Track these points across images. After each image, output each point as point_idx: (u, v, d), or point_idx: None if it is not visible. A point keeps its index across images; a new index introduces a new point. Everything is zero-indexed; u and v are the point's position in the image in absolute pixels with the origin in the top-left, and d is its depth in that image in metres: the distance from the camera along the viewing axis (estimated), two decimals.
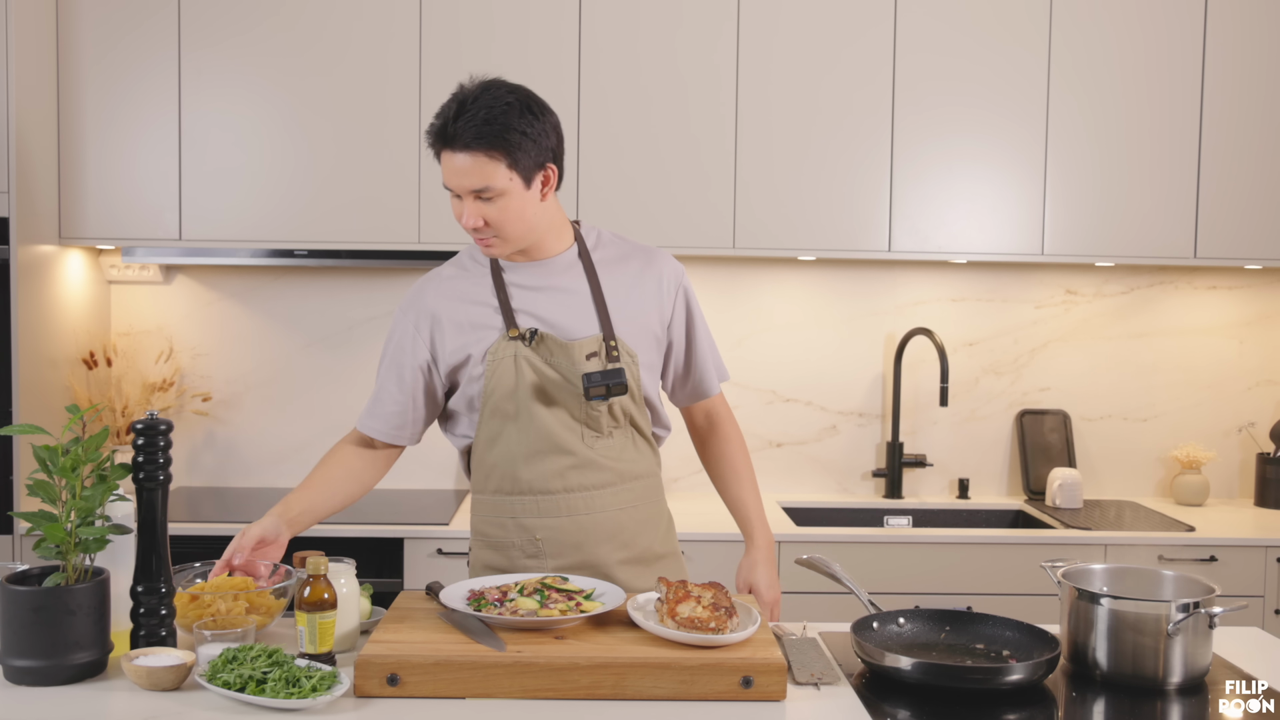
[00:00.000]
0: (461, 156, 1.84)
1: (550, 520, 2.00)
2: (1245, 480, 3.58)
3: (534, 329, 1.96)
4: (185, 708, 1.54)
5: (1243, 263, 3.26)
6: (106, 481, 1.66)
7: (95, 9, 3.09)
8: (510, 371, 1.96)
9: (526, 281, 2.00)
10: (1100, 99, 3.19)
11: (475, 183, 1.85)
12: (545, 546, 2.00)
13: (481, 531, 2.07)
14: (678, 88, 3.16)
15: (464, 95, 1.90)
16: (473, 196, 1.87)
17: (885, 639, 1.78)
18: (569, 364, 1.95)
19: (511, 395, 1.97)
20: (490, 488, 2.04)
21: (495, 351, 1.96)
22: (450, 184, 1.88)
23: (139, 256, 3.17)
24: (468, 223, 1.88)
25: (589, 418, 1.98)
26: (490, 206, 1.87)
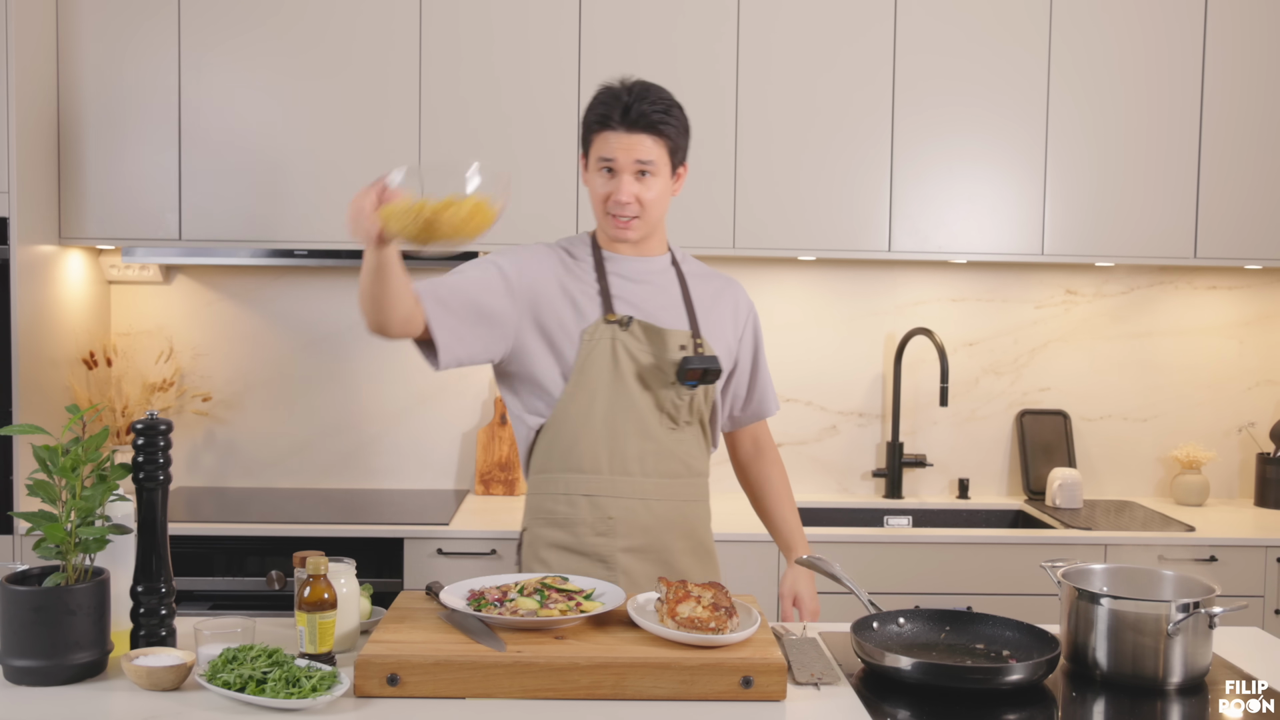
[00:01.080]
0: (635, 137, 2.02)
1: (625, 501, 2.07)
2: (1245, 480, 3.58)
3: (629, 316, 2.07)
4: (185, 708, 1.54)
5: (1243, 263, 3.26)
6: (106, 481, 1.66)
7: (95, 9, 3.09)
8: (606, 352, 2.06)
9: (626, 273, 2.12)
10: (1100, 99, 3.19)
11: (641, 155, 2.02)
12: (617, 526, 2.07)
13: (546, 509, 2.11)
14: (677, 88, 3.15)
15: (634, 83, 2.07)
16: (633, 174, 2.03)
17: (885, 639, 1.78)
18: (662, 350, 2.07)
19: (603, 375, 2.06)
20: (565, 465, 2.08)
21: (592, 332, 2.06)
22: (614, 156, 2.02)
23: (139, 256, 3.17)
24: (623, 196, 2.02)
25: (672, 407, 2.09)
26: (643, 186, 2.04)
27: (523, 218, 3.16)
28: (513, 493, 3.43)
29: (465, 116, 3.14)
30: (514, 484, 3.44)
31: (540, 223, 3.15)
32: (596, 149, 2.06)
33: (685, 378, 2.03)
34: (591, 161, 2.08)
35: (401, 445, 3.52)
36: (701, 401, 2.12)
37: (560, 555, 2.09)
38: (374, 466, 3.52)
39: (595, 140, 2.06)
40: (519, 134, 3.15)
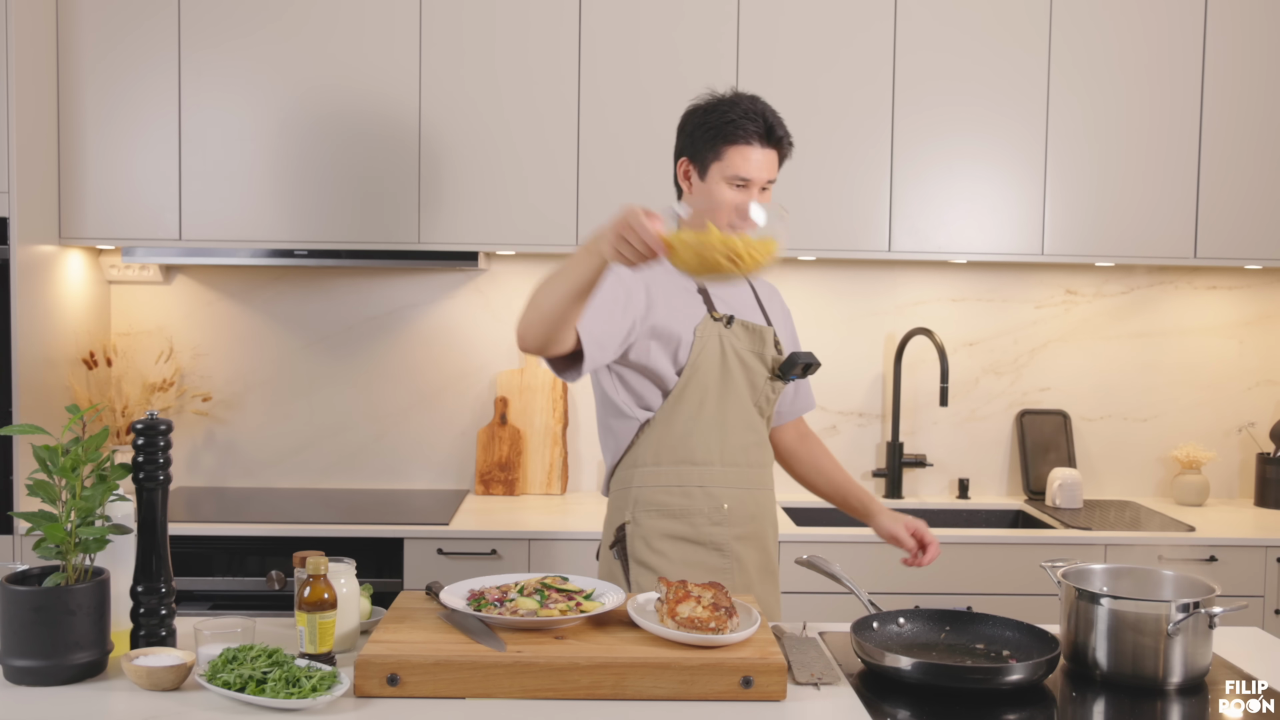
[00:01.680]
0: (771, 154, 2.13)
1: (737, 491, 2.15)
2: (1245, 480, 3.58)
3: (731, 314, 2.17)
4: (185, 708, 1.54)
5: (1243, 263, 3.26)
6: (106, 481, 1.66)
7: (95, 9, 3.09)
8: (716, 349, 2.13)
9: None
10: (1100, 99, 3.19)
11: (772, 174, 2.14)
12: (730, 515, 2.14)
13: (659, 502, 2.14)
14: (678, 87, 3.16)
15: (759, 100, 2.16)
16: (761, 189, 2.12)
17: (885, 639, 1.78)
18: (761, 348, 2.18)
19: (714, 370, 2.13)
20: (677, 457, 2.13)
21: (703, 328, 2.13)
22: (751, 174, 2.10)
23: (139, 256, 3.17)
24: None
25: (765, 401, 2.20)
26: (764, 198, 2.13)
27: (523, 217, 3.16)
28: (512, 493, 3.43)
29: (466, 115, 3.14)
30: (514, 484, 3.44)
31: (541, 221, 3.15)
32: (731, 164, 2.10)
33: (789, 372, 2.16)
34: (717, 174, 2.12)
35: (401, 445, 3.52)
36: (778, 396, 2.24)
37: (677, 545, 2.13)
38: (374, 466, 3.52)
39: (729, 154, 2.10)
40: (519, 134, 3.15)
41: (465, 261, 3.19)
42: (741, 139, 2.10)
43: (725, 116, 2.11)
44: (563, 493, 3.49)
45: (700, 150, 2.14)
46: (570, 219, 3.16)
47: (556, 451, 3.48)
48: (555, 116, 3.15)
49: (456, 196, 3.15)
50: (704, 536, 2.13)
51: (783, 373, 2.18)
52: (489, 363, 3.52)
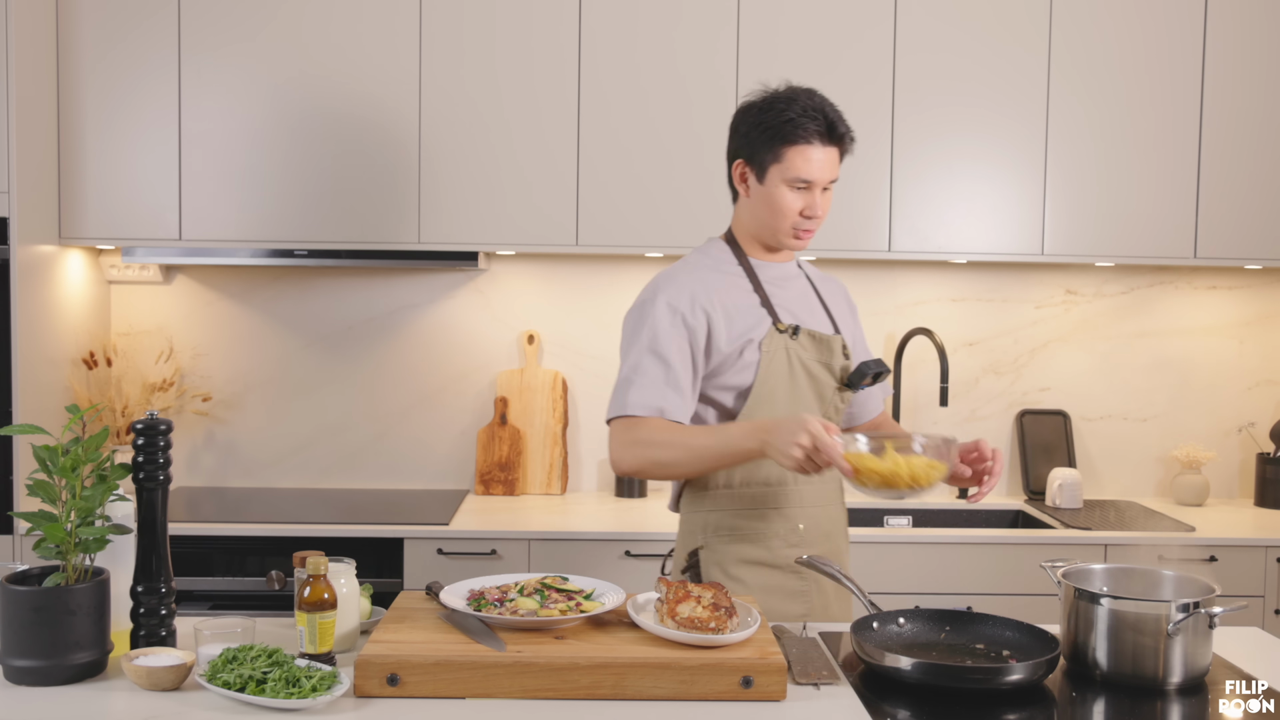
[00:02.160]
0: (834, 152, 2.03)
1: (811, 509, 2.09)
2: (1245, 480, 3.58)
3: (796, 325, 2.07)
4: (185, 708, 1.54)
5: (1243, 263, 3.26)
6: (106, 481, 1.66)
7: (95, 10, 3.09)
8: (784, 362, 2.05)
9: (774, 281, 2.13)
10: (1100, 99, 3.19)
11: (834, 173, 2.04)
12: (806, 536, 2.07)
13: (731, 525, 2.06)
14: (678, 87, 3.16)
15: (819, 96, 2.06)
16: (824, 188, 2.04)
17: (885, 639, 1.78)
18: (829, 356, 2.10)
19: (782, 384, 2.05)
20: (751, 478, 2.05)
21: (769, 342, 2.04)
22: (813, 175, 2.01)
23: (139, 256, 3.17)
24: (821, 212, 2.04)
25: (834, 410, 2.12)
26: (826, 198, 2.05)
27: (523, 217, 3.16)
28: (512, 493, 3.43)
29: (466, 115, 3.14)
30: (514, 484, 3.44)
31: (541, 221, 3.15)
32: (791, 165, 2.00)
33: (859, 382, 2.07)
34: (777, 176, 2.02)
35: (401, 445, 3.52)
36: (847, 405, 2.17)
37: (754, 570, 2.05)
38: (374, 466, 3.52)
39: (789, 154, 2.00)
40: (519, 134, 3.15)
41: (465, 261, 3.19)
42: (801, 139, 1.99)
43: (782, 115, 2.00)
44: (563, 493, 3.49)
45: (757, 152, 2.03)
46: (570, 219, 3.16)
47: (556, 451, 3.48)
48: (555, 116, 3.15)
49: (456, 196, 3.15)
50: (780, 560, 2.05)
51: (851, 383, 2.08)
52: (489, 363, 3.52)
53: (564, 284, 3.52)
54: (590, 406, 3.53)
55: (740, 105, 2.11)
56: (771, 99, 2.04)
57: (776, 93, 2.06)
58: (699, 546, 2.10)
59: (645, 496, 3.45)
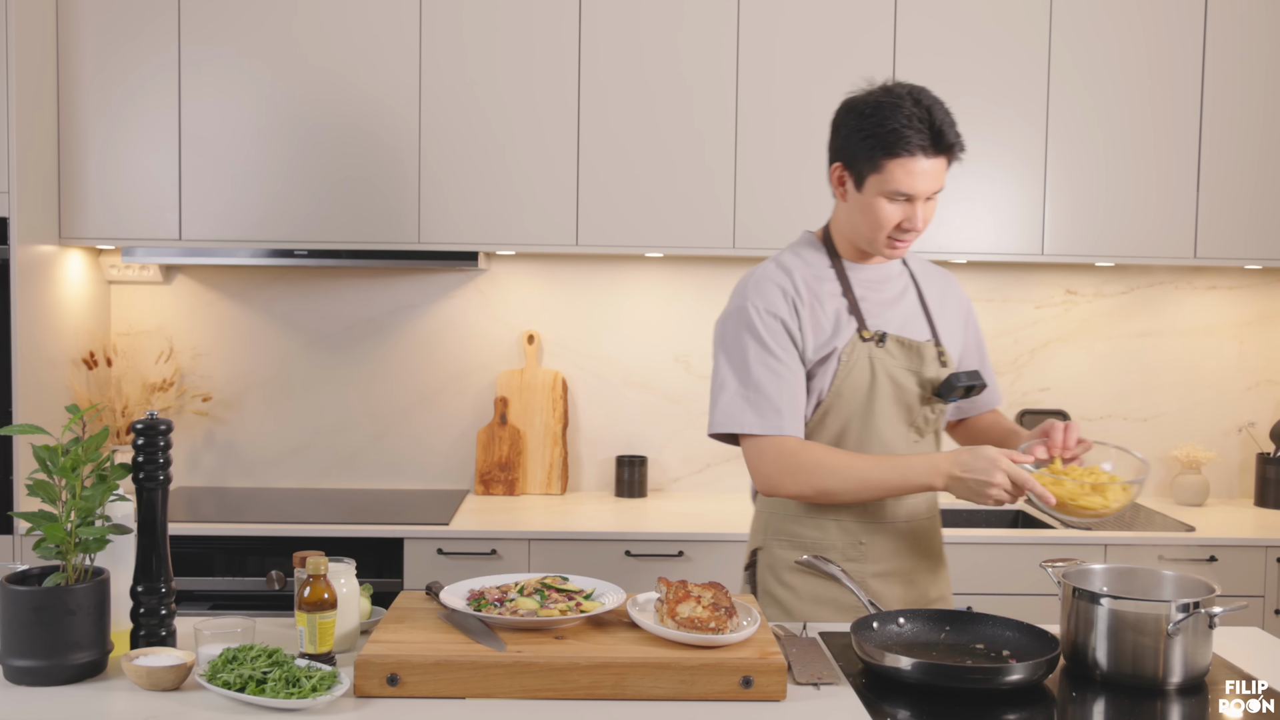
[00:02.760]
0: (939, 162, 1.89)
1: (875, 525, 2.01)
2: (1245, 480, 3.58)
3: (883, 331, 1.98)
4: (185, 708, 1.54)
5: (1243, 263, 3.26)
6: (106, 481, 1.66)
7: (95, 10, 3.09)
8: (864, 372, 1.97)
9: (868, 285, 2.03)
10: (1100, 99, 3.19)
11: (938, 185, 1.91)
12: (868, 551, 2.01)
13: (791, 531, 2.03)
14: (678, 87, 3.16)
15: (928, 100, 1.90)
16: (927, 199, 1.91)
17: (885, 639, 1.78)
18: (919, 365, 1.99)
19: (860, 395, 1.97)
20: None
21: (850, 350, 1.97)
22: (915, 189, 1.88)
23: (139, 256, 3.17)
24: (921, 225, 1.92)
25: (923, 421, 2.02)
26: (930, 208, 1.93)
27: (523, 217, 3.16)
28: (513, 493, 3.43)
29: (466, 115, 3.14)
30: (514, 484, 3.44)
31: (541, 221, 3.15)
32: (892, 178, 1.87)
33: (949, 395, 1.97)
34: (875, 187, 1.90)
35: (401, 445, 3.52)
36: (939, 413, 2.05)
37: (806, 580, 2.01)
38: (374, 466, 3.52)
39: (890, 166, 1.87)
40: (520, 133, 3.15)
41: (465, 261, 3.19)
42: (904, 151, 1.85)
43: (886, 123, 1.86)
44: (563, 493, 3.49)
45: (856, 159, 1.91)
46: (570, 219, 3.16)
47: (556, 451, 3.48)
48: (555, 116, 3.15)
49: (456, 196, 3.15)
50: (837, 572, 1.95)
51: (941, 394, 1.99)
52: (489, 363, 3.52)
53: (564, 284, 3.52)
54: (590, 406, 3.53)
55: (843, 103, 1.97)
56: (876, 103, 1.89)
57: (882, 95, 1.90)
58: (759, 547, 2.08)
59: (645, 496, 3.45)
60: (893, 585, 2.03)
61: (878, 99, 1.90)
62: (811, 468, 1.91)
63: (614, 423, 3.54)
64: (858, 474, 1.90)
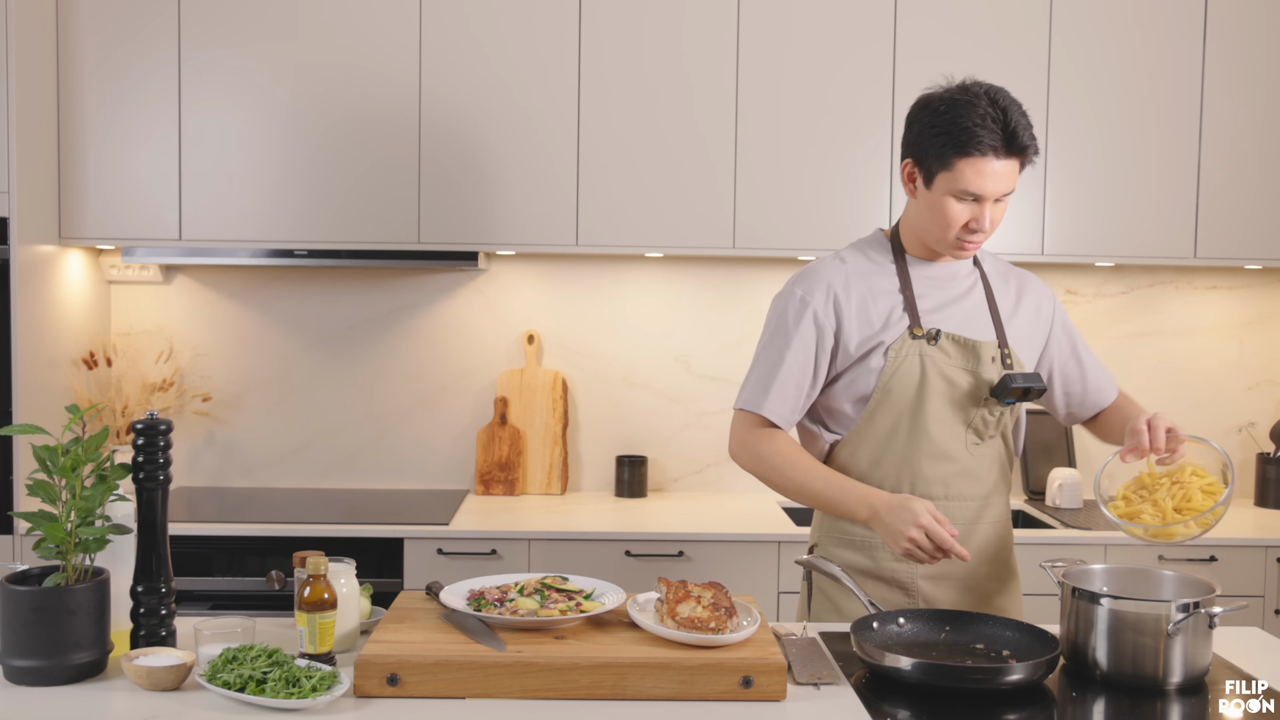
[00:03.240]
0: (1012, 164, 1.86)
1: None
2: (1245, 480, 3.58)
3: (937, 330, 1.95)
4: (185, 708, 1.54)
5: (1243, 263, 3.26)
6: (106, 481, 1.66)
7: (96, 10, 3.09)
8: (914, 369, 1.94)
9: (930, 282, 2.00)
10: (1100, 99, 3.19)
11: (1009, 187, 1.88)
12: None
13: (843, 529, 2.03)
14: (678, 87, 3.16)
15: (1005, 101, 1.86)
16: (997, 200, 1.88)
17: (885, 639, 1.78)
18: (975, 365, 1.95)
19: (908, 394, 1.95)
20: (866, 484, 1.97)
21: (899, 347, 1.94)
22: (985, 189, 1.85)
23: (139, 256, 3.17)
24: (989, 225, 1.89)
25: (981, 423, 1.97)
26: (999, 207, 1.89)
27: (523, 217, 3.16)
28: (512, 493, 3.43)
29: (465, 114, 3.14)
30: (514, 484, 3.44)
31: (541, 221, 3.15)
32: (962, 177, 1.85)
33: (1005, 395, 1.92)
34: (944, 185, 1.87)
35: (401, 445, 3.52)
36: (1008, 415, 2.01)
37: (857, 578, 1.98)
38: (374, 466, 3.52)
39: (961, 165, 1.84)
40: (520, 133, 3.15)
41: (465, 261, 3.19)
42: (975, 150, 1.82)
43: (959, 121, 1.83)
44: (563, 493, 3.49)
45: (927, 155, 1.88)
46: (570, 219, 3.16)
47: (556, 451, 3.48)
48: (555, 116, 3.15)
49: (456, 196, 3.15)
50: (886, 573, 1.99)
51: (997, 395, 1.93)
52: (489, 363, 3.52)
53: (564, 284, 3.52)
54: (590, 406, 3.53)
55: (918, 99, 1.94)
56: (951, 100, 1.86)
57: (958, 93, 1.87)
58: (815, 544, 2.09)
59: (645, 496, 3.45)
60: (947, 589, 2.00)
61: (954, 96, 1.87)
62: (761, 455, 1.98)
63: (614, 423, 3.54)
64: (797, 481, 1.95)
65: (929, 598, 1.99)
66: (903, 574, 1.99)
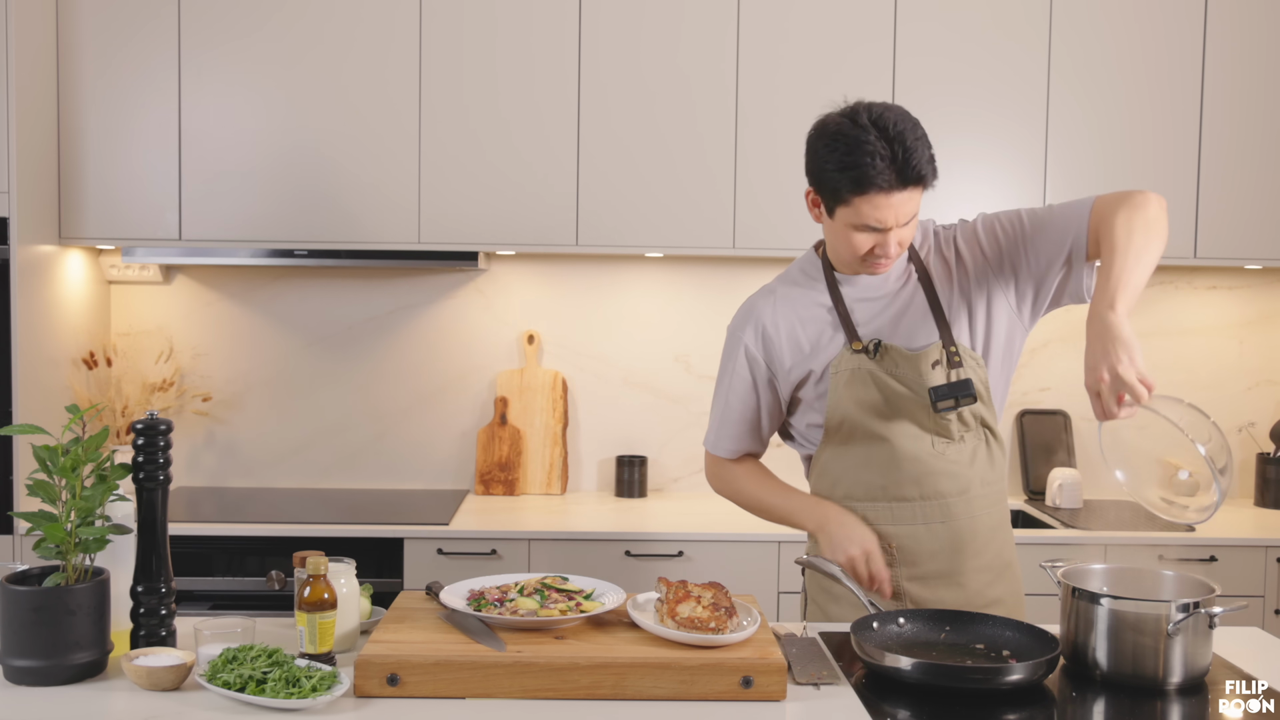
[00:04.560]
0: (906, 194, 1.82)
1: (906, 528, 1.97)
2: (1245, 480, 3.58)
3: (877, 341, 1.94)
4: (185, 708, 1.54)
5: (1243, 263, 3.26)
6: (106, 481, 1.66)
7: (95, 10, 3.09)
8: (859, 383, 1.94)
9: (865, 293, 1.99)
10: (1100, 99, 3.19)
11: (911, 212, 1.85)
12: (901, 555, 1.98)
13: None
14: (678, 87, 3.16)
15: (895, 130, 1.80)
16: (900, 226, 1.85)
17: (885, 639, 1.78)
18: (915, 375, 1.93)
19: (859, 408, 1.95)
20: (843, 493, 2.01)
21: (839, 364, 1.96)
22: (884, 220, 1.82)
23: (139, 256, 3.17)
24: (893, 252, 1.87)
25: (939, 426, 1.95)
26: (906, 231, 1.87)
27: (524, 217, 3.16)
28: (513, 493, 3.43)
29: (466, 116, 3.14)
30: (514, 484, 3.44)
31: (541, 221, 3.15)
32: (858, 212, 1.82)
33: (938, 408, 1.90)
34: (845, 217, 1.85)
35: (401, 445, 3.52)
36: (978, 409, 1.97)
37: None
38: (374, 466, 3.52)
39: (857, 201, 1.81)
40: (520, 133, 3.15)
41: (465, 261, 3.19)
42: (870, 188, 1.79)
43: (850, 158, 1.79)
44: (563, 493, 3.49)
45: (824, 189, 1.87)
46: (570, 219, 3.16)
47: (556, 451, 3.48)
48: (555, 116, 3.15)
49: (456, 196, 3.15)
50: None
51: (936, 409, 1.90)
52: (489, 363, 3.52)
53: (564, 284, 3.52)
54: (590, 406, 3.53)
55: (814, 124, 1.90)
56: (842, 134, 1.81)
57: (849, 125, 1.81)
58: (808, 553, 2.10)
59: (645, 496, 3.45)
60: (936, 588, 1.98)
61: (843, 129, 1.82)
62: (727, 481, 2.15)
63: (614, 423, 3.54)
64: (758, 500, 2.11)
65: (917, 598, 1.98)
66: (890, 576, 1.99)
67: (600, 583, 1.85)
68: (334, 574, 1.76)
